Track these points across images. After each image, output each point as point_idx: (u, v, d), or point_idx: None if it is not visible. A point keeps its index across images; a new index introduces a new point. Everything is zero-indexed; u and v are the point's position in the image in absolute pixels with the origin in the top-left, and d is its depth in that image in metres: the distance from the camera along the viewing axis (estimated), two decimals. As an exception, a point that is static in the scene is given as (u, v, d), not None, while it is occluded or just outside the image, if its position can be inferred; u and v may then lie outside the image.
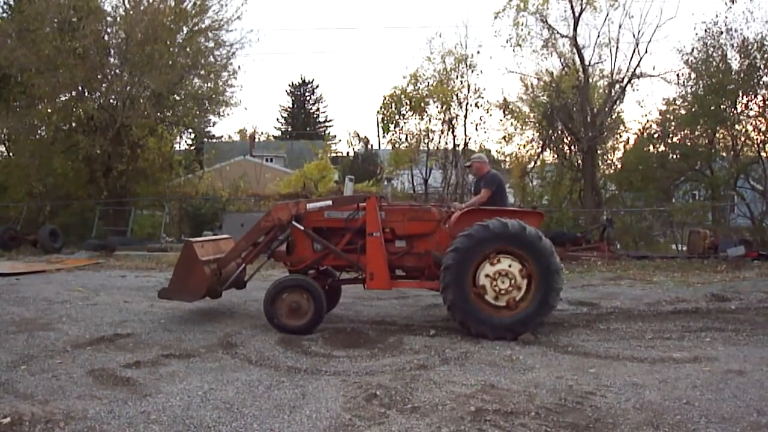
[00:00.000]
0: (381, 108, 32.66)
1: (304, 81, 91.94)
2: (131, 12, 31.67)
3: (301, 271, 11.59)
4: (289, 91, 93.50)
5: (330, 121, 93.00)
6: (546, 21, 31.40)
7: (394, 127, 32.75)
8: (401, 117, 32.43)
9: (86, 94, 32.08)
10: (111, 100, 31.68)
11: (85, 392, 7.47)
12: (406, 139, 33.16)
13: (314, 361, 9.03)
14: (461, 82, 32.46)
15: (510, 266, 10.26)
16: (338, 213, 11.52)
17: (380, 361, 9.05)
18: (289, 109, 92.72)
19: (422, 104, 31.95)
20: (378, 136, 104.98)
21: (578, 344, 9.97)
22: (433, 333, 10.75)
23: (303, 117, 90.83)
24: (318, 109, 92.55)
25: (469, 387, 7.64)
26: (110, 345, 9.96)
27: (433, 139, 33.19)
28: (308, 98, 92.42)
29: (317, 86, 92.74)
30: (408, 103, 32.09)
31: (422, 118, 32.53)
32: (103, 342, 10.15)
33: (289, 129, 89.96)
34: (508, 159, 37.69)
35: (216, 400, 7.17)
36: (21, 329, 11.02)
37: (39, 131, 34.04)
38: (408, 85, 32.42)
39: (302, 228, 11.39)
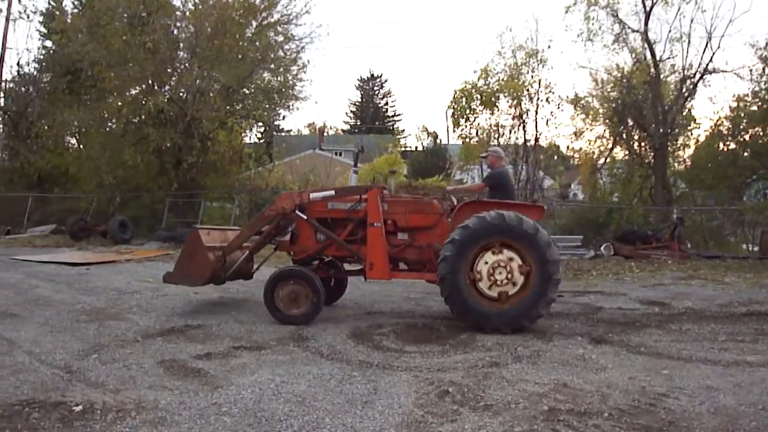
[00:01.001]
0: (452, 102, 32.39)
1: (372, 75, 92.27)
2: (200, 6, 31.81)
3: (304, 260, 11.77)
4: (357, 86, 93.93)
5: (398, 115, 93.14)
6: (617, 15, 30.88)
7: (465, 122, 32.49)
8: (472, 112, 32.16)
9: (156, 87, 32.30)
10: (181, 94, 31.85)
11: (156, 382, 7.46)
12: (477, 134, 32.90)
13: (386, 356, 8.93)
14: (532, 77, 32.14)
15: (507, 258, 10.29)
16: (341, 204, 11.66)
17: (452, 357, 8.90)
18: (357, 104, 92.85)
19: (493, 99, 31.65)
20: (447, 130, 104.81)
21: (650, 345, 9.71)
22: (505, 330, 10.43)
23: (372, 111, 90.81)
24: (386, 104, 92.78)
25: (541, 386, 7.47)
26: (180, 336, 9.96)
27: (503, 134, 32.91)
28: (377, 92, 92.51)
29: (386, 80, 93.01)
30: (479, 97, 31.83)
31: (493, 113, 32.25)
32: (173, 333, 10.17)
33: (358, 123, 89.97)
34: (576, 155, 37.25)
35: (287, 394, 7.09)
36: (92, 318, 11.11)
37: (109, 124, 34.34)
38: (479, 79, 32.14)
39: (305, 218, 11.53)
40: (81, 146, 38.76)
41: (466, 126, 32.65)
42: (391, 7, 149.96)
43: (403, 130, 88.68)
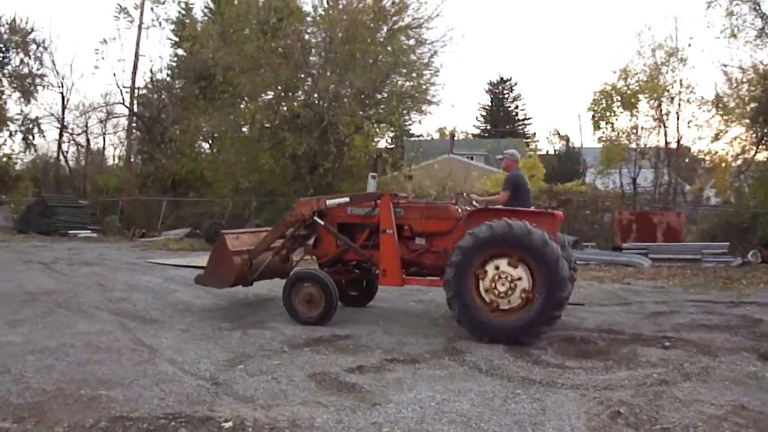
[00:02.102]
0: (591, 104, 31.68)
1: (502, 79, 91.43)
2: (330, 12, 31.74)
3: (326, 264, 12.11)
4: (487, 90, 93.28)
5: (529, 119, 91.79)
6: (759, 9, 29.53)
7: (605, 124, 31.71)
8: (612, 113, 31.38)
9: (289, 93, 32.35)
10: (314, 99, 31.82)
11: (309, 398, 7.09)
12: (617, 136, 32.05)
13: (548, 372, 8.41)
14: (672, 77, 31.13)
15: (512, 269, 9.96)
16: (359, 209, 11.84)
17: (617, 374, 8.33)
18: (487, 108, 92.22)
19: (633, 100, 30.79)
20: (580, 133, 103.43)
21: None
22: (668, 345, 9.95)
23: (501, 115, 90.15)
24: (516, 107, 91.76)
25: (718, 407, 6.93)
26: (329, 347, 9.57)
27: (642, 136, 31.99)
28: (506, 96, 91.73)
29: (515, 84, 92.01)
30: (619, 99, 31.02)
31: (633, 115, 31.37)
32: (321, 343, 9.79)
33: (488, 127, 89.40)
34: (707, 157, 35.81)
35: (451, 413, 6.65)
36: (234, 326, 10.86)
37: (242, 129, 34.60)
38: (618, 80, 31.35)
39: (322, 223, 11.85)
40: (213, 151, 39.23)
41: (606, 128, 31.88)
42: (520, 10, 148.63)
43: (534, 134, 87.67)
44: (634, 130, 31.95)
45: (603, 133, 32.25)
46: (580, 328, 11.38)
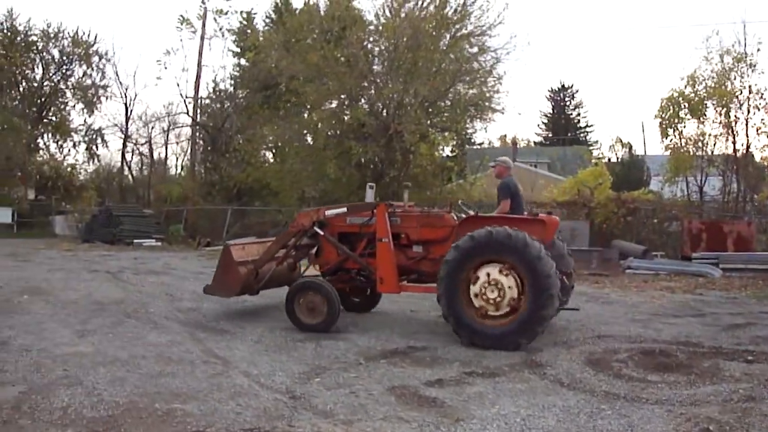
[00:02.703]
0: (659, 111, 31.22)
1: (563, 86, 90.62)
2: (392, 20, 31.66)
3: (328, 272, 12.38)
4: (548, 97, 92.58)
5: (590, 126, 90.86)
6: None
7: (673, 132, 31.27)
8: (679, 120, 30.91)
9: (353, 102, 32.35)
10: (377, 107, 31.77)
11: (390, 413, 6.93)
12: (685, 143, 31.56)
13: (630, 386, 8.15)
14: (741, 83, 30.56)
15: (499, 275, 10.10)
16: (357, 219, 12.12)
17: (701, 389, 8.05)
18: (548, 115, 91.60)
19: (700, 107, 30.30)
20: (643, 141, 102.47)
21: None
22: (750, 359, 9.64)
23: (563, 122, 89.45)
24: (578, 114, 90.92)
25: None
26: (405, 358, 9.42)
27: (708, 143, 31.47)
28: (568, 103, 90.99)
29: (576, 91, 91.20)
30: (686, 106, 30.55)
31: (701, 122, 30.88)
32: (397, 355, 9.64)
33: (549, 135, 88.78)
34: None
35: (537, 429, 6.49)
36: (307, 337, 10.71)
37: (307, 138, 34.66)
38: (685, 87, 30.85)
39: (322, 233, 12.17)
40: (277, 160, 39.34)
41: (674, 136, 31.44)
42: (580, 16, 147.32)
43: (596, 141, 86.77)
44: (702, 138, 31.47)
45: (671, 140, 31.81)
46: (657, 340, 11.14)
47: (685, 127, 31.26)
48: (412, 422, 6.56)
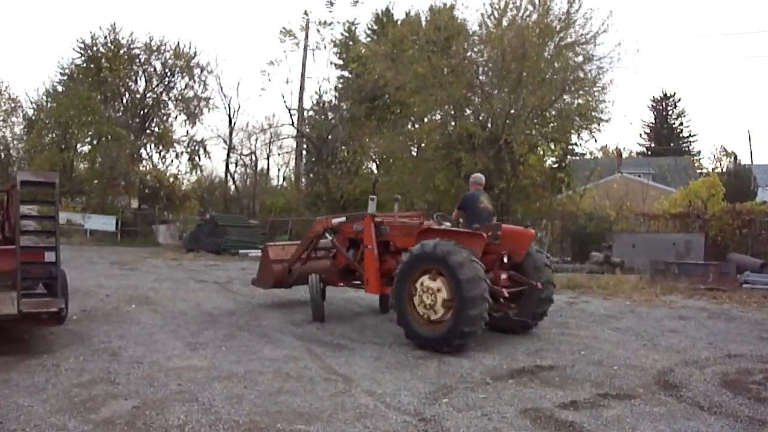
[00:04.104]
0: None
1: (665, 95, 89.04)
2: (494, 30, 31.35)
3: (341, 273, 14.04)
4: (650, 106, 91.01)
5: (693, 135, 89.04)
6: None
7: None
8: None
9: (459, 112, 32.09)
10: (481, 117, 31.46)
11: (526, 438, 6.44)
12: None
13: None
14: None
15: (436, 288, 10.69)
16: (360, 227, 13.08)
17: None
18: (651, 125, 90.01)
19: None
20: (750, 150, 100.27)
21: None
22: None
23: (665, 132, 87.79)
24: (681, 124, 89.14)
25: None
26: (534, 378, 8.98)
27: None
28: (670, 113, 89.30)
29: (679, 99, 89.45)
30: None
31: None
32: (524, 374, 9.22)
33: (652, 145, 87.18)
34: None
35: (684, 458, 5.93)
36: (428, 354, 10.34)
37: (412, 149, 34.50)
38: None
39: (330, 238, 13.77)
40: (380, 171, 39.26)
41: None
42: (683, 22, 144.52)
43: (699, 152, 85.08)
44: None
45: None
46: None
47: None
48: (552, 449, 6.11)
